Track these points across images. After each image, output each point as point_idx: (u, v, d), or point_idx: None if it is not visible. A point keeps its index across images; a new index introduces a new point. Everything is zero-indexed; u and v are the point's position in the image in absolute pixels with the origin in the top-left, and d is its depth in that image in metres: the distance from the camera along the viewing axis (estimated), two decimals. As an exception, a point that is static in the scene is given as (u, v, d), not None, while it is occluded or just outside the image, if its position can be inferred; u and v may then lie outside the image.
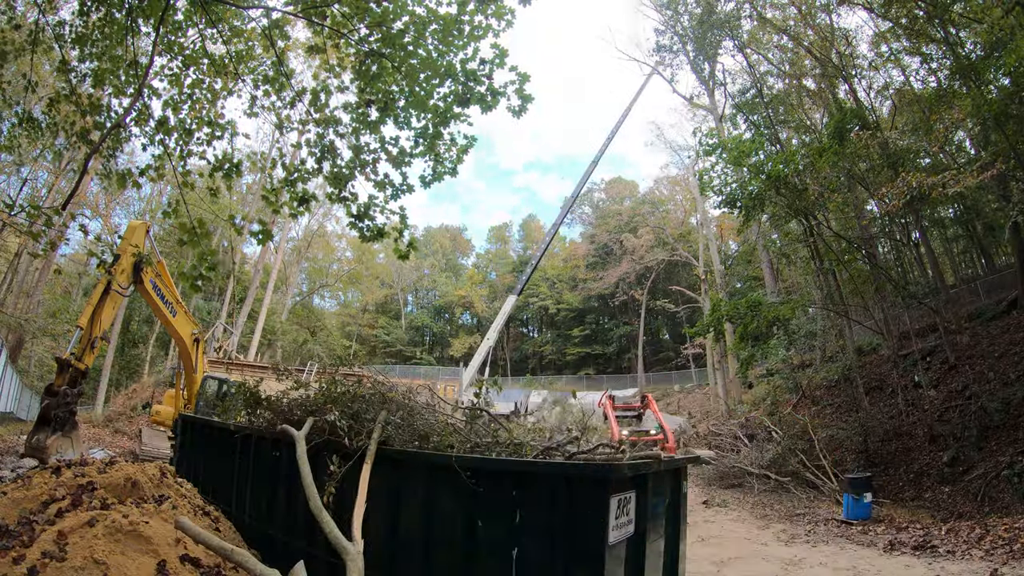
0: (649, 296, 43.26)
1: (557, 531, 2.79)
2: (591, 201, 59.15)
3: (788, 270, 30.37)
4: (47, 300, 31.83)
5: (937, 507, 10.90)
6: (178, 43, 6.02)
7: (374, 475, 3.61)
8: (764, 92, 21.36)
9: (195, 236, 5.40)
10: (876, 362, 18.38)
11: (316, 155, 6.04)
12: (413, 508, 3.51)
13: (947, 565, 7.34)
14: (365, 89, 5.70)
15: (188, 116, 6.16)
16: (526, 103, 5.48)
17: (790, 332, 19.34)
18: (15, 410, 22.07)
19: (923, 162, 16.70)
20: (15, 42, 6.54)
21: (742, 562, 8.11)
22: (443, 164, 5.96)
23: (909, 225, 17.91)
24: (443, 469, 3.29)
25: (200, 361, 12.38)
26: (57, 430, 8.48)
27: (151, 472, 4.44)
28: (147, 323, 35.78)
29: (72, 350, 8.76)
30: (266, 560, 3.29)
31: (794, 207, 15.62)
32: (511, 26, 5.28)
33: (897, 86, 18.60)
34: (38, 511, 3.48)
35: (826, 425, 15.80)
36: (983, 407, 12.07)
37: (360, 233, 6.12)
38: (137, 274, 9.75)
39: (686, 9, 25.52)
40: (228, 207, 28.20)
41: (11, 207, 5.03)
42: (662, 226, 42.41)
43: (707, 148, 16.77)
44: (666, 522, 3.63)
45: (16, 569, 2.68)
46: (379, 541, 3.49)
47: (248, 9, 5.87)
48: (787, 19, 20.64)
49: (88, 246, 22.59)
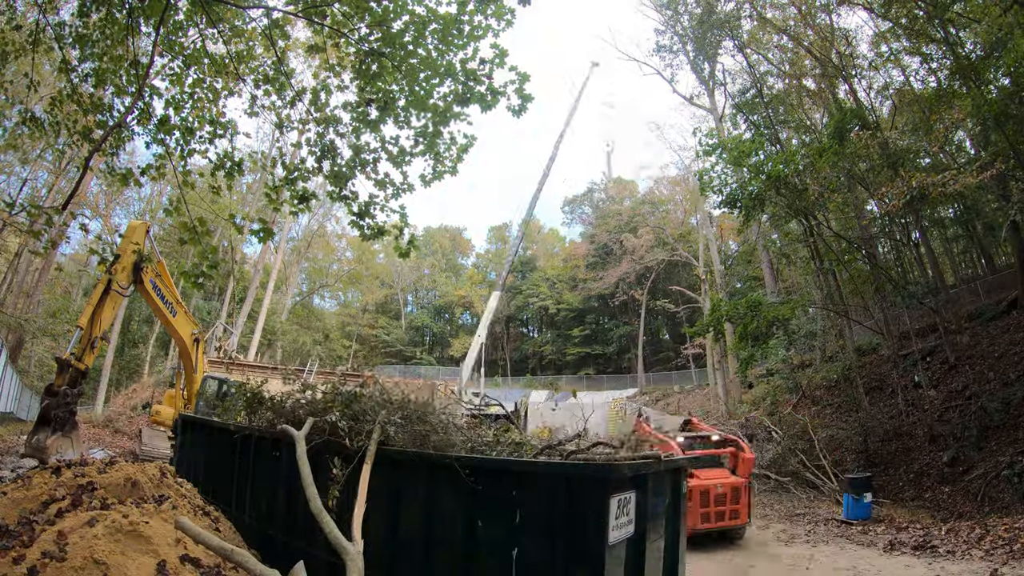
0: (649, 296, 43.27)
1: (557, 531, 2.79)
2: (591, 201, 59.13)
3: (788, 270, 30.35)
4: (47, 300, 31.82)
5: (937, 507, 10.91)
6: (179, 43, 6.02)
7: (374, 475, 3.61)
8: (764, 92, 21.36)
9: (196, 234, 5.40)
10: (876, 362, 18.38)
11: (316, 154, 6.04)
12: (413, 508, 3.50)
13: (947, 565, 7.34)
14: (365, 88, 5.71)
15: (189, 115, 6.16)
16: (526, 102, 5.48)
17: (790, 332, 19.33)
18: (15, 410, 22.06)
19: (923, 162, 16.72)
20: (16, 42, 6.54)
21: (742, 561, 8.11)
22: (443, 163, 5.97)
23: (909, 225, 17.91)
24: (443, 469, 3.29)
25: (200, 361, 12.38)
26: (57, 430, 8.47)
27: (151, 472, 4.43)
28: (147, 323, 35.79)
29: (72, 350, 8.75)
30: (266, 560, 3.29)
31: (794, 207, 15.62)
32: (511, 26, 5.28)
33: (897, 86, 18.61)
34: (38, 511, 3.48)
35: (826, 425, 15.80)
36: (983, 407, 12.07)
37: (361, 232, 6.13)
38: (137, 274, 9.74)
39: (686, 9, 25.52)
40: (228, 206, 28.23)
41: (11, 206, 5.04)
42: (662, 226, 42.38)
43: (707, 148, 16.78)
44: (666, 522, 3.62)
45: (16, 569, 2.68)
46: (379, 541, 3.49)
47: (248, 9, 5.87)
48: (787, 19, 20.64)
49: (88, 245, 22.62)
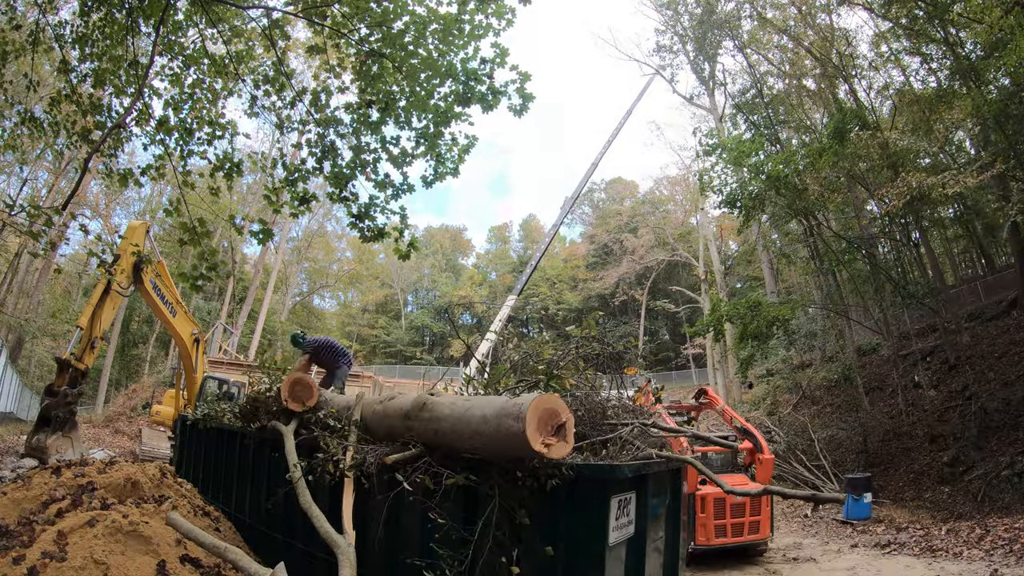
0: (649, 296, 43.28)
1: (557, 531, 2.79)
2: (591, 201, 59.08)
3: (788, 270, 30.35)
4: (47, 300, 31.83)
5: (937, 507, 10.90)
6: (178, 43, 6.02)
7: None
8: (764, 92, 21.37)
9: (195, 235, 5.40)
10: (876, 362, 18.38)
11: (317, 155, 6.04)
12: (414, 508, 3.49)
13: (947, 565, 7.34)
14: (365, 89, 5.70)
15: (189, 116, 6.16)
16: (527, 102, 5.48)
17: (790, 332, 19.33)
18: (15, 410, 22.07)
19: (923, 162, 16.70)
20: (15, 42, 6.54)
21: (743, 562, 8.11)
22: (444, 164, 5.96)
23: (909, 225, 17.90)
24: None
25: (200, 361, 12.38)
26: (57, 430, 8.49)
27: (151, 472, 4.43)
28: (147, 323, 35.78)
29: (72, 350, 8.77)
30: (268, 561, 3.28)
31: (794, 207, 15.62)
32: (511, 25, 5.28)
33: (897, 86, 18.58)
34: (38, 511, 3.48)
35: (826, 425, 15.80)
36: (983, 407, 12.06)
37: (361, 233, 6.12)
38: (137, 274, 9.76)
39: (686, 9, 25.54)
40: (228, 207, 28.21)
41: (11, 207, 5.04)
42: (662, 226, 42.39)
43: (707, 148, 16.79)
44: (666, 522, 3.62)
45: (16, 569, 2.68)
46: (377, 540, 3.48)
47: (248, 9, 5.87)
48: (787, 19, 20.64)
49: (88, 246, 22.60)
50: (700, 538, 7.66)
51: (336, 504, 3.44)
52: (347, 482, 3.48)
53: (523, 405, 2.63)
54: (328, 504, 3.51)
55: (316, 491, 3.65)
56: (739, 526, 7.83)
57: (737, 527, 7.82)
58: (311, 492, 3.59)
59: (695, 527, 7.65)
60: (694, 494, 7.62)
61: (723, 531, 7.73)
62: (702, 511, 7.67)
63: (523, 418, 2.55)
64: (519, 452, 2.68)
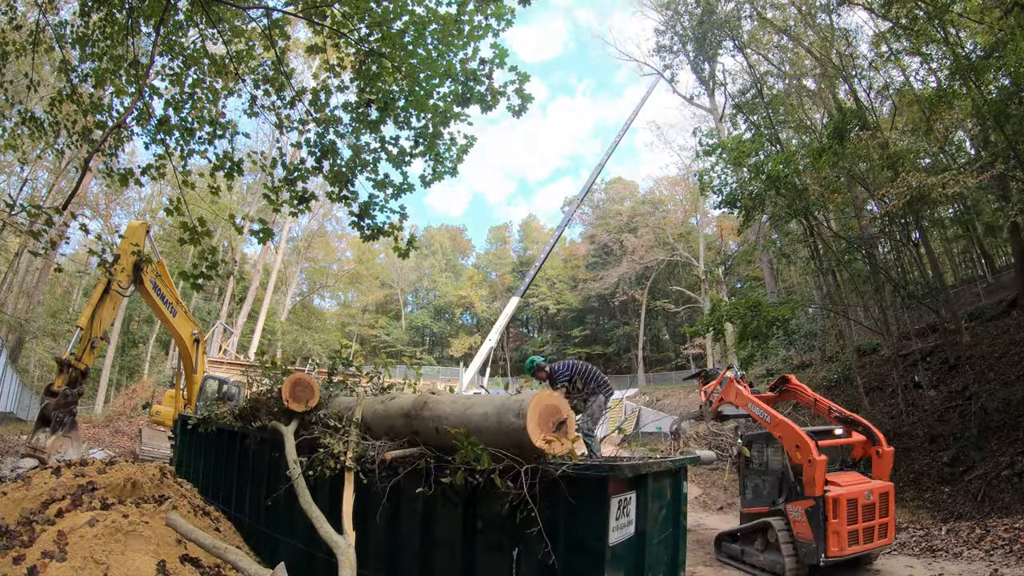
0: (649, 296, 43.29)
1: (557, 531, 2.79)
2: (591, 201, 59.08)
3: (788, 270, 30.37)
4: (47, 300, 31.82)
5: (937, 507, 10.90)
6: (179, 43, 6.02)
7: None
8: (764, 92, 21.36)
9: (195, 235, 5.40)
10: (876, 362, 18.38)
11: (316, 154, 6.04)
12: (414, 509, 3.49)
13: (947, 565, 7.34)
14: (365, 89, 5.70)
15: (189, 115, 6.16)
16: (526, 102, 5.47)
17: (790, 332, 19.33)
18: (15, 410, 22.07)
19: (923, 162, 16.70)
20: (16, 42, 6.54)
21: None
22: (443, 164, 5.97)
23: (909, 225, 17.90)
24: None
25: (200, 361, 12.38)
26: (57, 430, 8.48)
27: (151, 472, 4.43)
28: (147, 323, 35.80)
29: (72, 350, 8.76)
30: (268, 561, 3.28)
31: (794, 207, 15.62)
32: (511, 25, 5.28)
33: (897, 86, 18.58)
34: (38, 511, 3.48)
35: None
36: (983, 407, 12.06)
37: (361, 232, 6.13)
38: (137, 274, 9.75)
39: (686, 9, 25.56)
40: (228, 206, 28.22)
41: (11, 207, 5.03)
42: (662, 226, 42.40)
43: (707, 148, 16.79)
44: (666, 523, 3.62)
45: (16, 569, 2.68)
46: (378, 540, 3.48)
47: (248, 9, 5.87)
48: (787, 19, 20.65)
49: (88, 246, 22.62)
50: (833, 548, 6.57)
51: (336, 504, 3.44)
52: (347, 480, 3.48)
53: (524, 402, 2.63)
54: (328, 504, 3.51)
55: (316, 491, 3.65)
56: (870, 530, 6.88)
57: (868, 532, 6.87)
58: (311, 492, 3.59)
59: (827, 535, 6.59)
60: (823, 496, 6.64)
61: (855, 538, 6.73)
62: (834, 516, 6.59)
63: (524, 414, 2.55)
64: (520, 448, 2.68)
